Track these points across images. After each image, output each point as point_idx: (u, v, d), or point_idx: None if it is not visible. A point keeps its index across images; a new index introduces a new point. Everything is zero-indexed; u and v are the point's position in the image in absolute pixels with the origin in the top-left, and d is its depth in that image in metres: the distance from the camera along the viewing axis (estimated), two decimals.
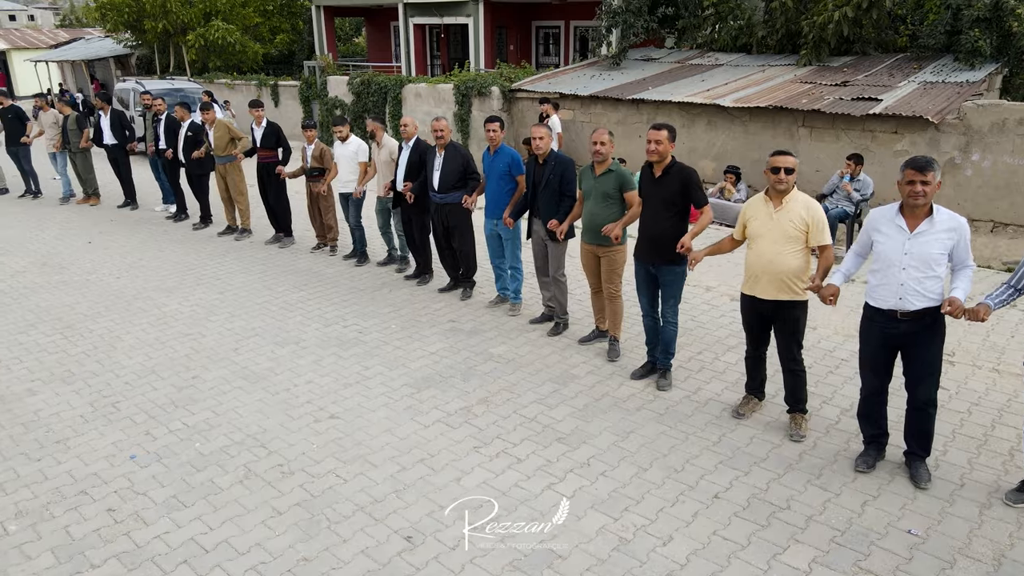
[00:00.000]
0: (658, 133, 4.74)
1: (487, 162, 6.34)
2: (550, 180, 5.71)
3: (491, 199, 6.36)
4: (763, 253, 4.28)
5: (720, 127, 10.96)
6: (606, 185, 5.28)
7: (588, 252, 5.59)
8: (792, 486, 4.01)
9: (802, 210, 4.18)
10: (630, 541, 3.62)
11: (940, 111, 8.92)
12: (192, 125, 9.15)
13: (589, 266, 5.66)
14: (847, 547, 3.52)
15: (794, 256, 4.21)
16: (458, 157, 6.56)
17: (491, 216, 6.43)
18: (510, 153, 6.23)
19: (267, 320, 6.55)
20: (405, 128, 6.93)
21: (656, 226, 4.87)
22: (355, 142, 7.78)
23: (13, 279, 7.74)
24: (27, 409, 5.01)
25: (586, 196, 5.44)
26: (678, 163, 4.85)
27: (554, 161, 5.72)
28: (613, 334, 5.72)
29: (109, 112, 10.67)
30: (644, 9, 13.72)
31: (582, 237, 5.57)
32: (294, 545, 3.63)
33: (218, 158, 8.89)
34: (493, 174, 6.28)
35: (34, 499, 4.02)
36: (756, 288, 4.37)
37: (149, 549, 3.62)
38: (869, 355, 4.03)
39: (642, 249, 5.05)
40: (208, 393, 5.21)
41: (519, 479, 4.14)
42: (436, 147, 6.60)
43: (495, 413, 4.87)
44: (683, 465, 4.25)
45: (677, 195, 4.79)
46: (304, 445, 4.52)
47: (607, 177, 5.28)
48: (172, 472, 4.25)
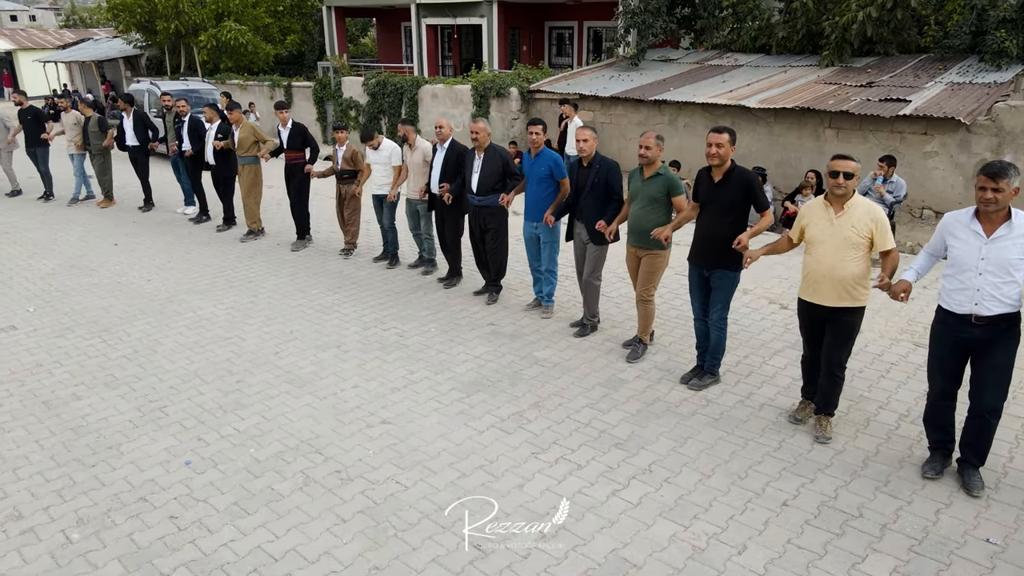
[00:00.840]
0: (719, 136, 4.65)
1: (527, 165, 6.29)
2: (595, 183, 5.64)
3: (531, 202, 6.30)
4: (823, 259, 4.21)
5: (744, 128, 10.90)
6: (653, 189, 5.25)
7: (632, 254, 5.59)
8: (861, 493, 3.96)
9: (865, 217, 4.11)
10: (704, 550, 3.57)
11: (971, 112, 8.88)
12: (221, 127, 9.05)
13: (633, 268, 5.65)
14: (927, 556, 3.48)
15: (856, 262, 4.14)
16: (497, 159, 6.49)
17: (531, 219, 6.36)
18: (551, 156, 6.16)
19: (304, 323, 6.51)
20: (440, 130, 6.86)
21: (714, 230, 4.82)
22: (387, 146, 7.70)
23: (44, 281, 7.69)
24: (74, 414, 4.96)
25: (633, 199, 5.41)
26: (739, 167, 4.78)
27: (599, 164, 5.65)
28: (640, 336, 5.74)
29: (132, 113, 10.58)
30: (663, 9, 13.68)
31: (627, 240, 5.55)
32: (363, 554, 3.59)
33: (240, 158, 8.84)
34: (533, 177, 6.23)
35: (93, 506, 3.98)
36: (816, 294, 4.30)
37: (217, 557, 3.57)
38: (940, 359, 3.98)
39: (697, 253, 5.01)
40: (255, 398, 5.17)
41: (582, 486, 4.09)
42: (475, 149, 6.54)
43: (548, 418, 4.83)
44: (746, 471, 4.20)
45: (738, 200, 4.74)
46: (360, 451, 4.47)
47: (655, 181, 5.25)
48: (230, 479, 4.21)
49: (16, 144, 11.80)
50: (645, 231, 5.28)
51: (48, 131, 11.36)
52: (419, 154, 7.28)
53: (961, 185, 9.12)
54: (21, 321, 6.62)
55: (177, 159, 10.22)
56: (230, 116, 8.77)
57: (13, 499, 4.04)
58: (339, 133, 7.90)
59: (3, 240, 9.34)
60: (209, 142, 9.13)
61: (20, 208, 11.17)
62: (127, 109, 10.60)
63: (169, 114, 10.24)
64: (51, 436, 4.69)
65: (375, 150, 7.73)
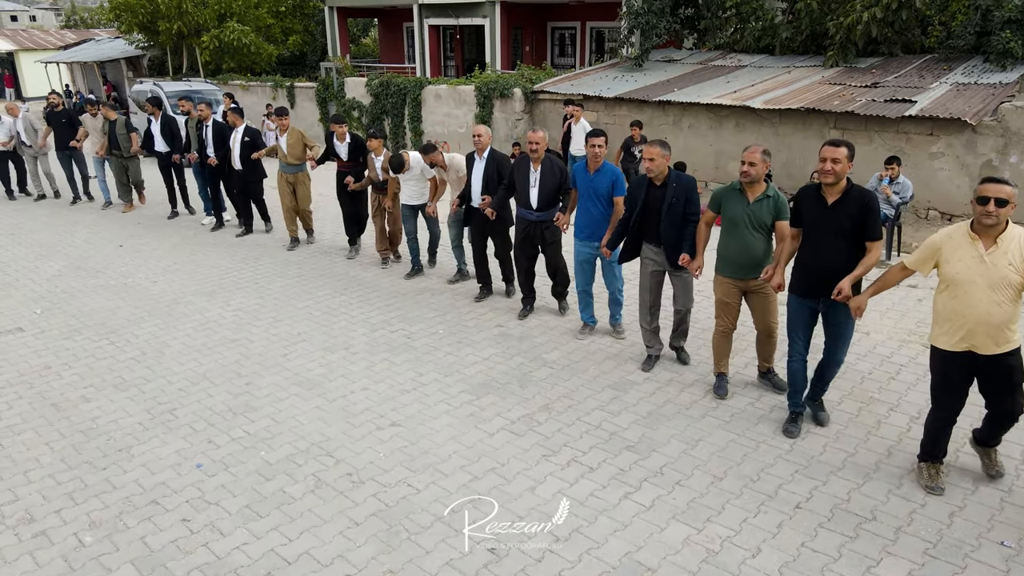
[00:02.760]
0: (835, 150, 4.00)
1: (583, 180, 5.69)
2: (674, 204, 5.05)
3: (587, 221, 5.73)
4: (977, 304, 3.55)
5: (749, 129, 10.91)
6: (761, 213, 4.58)
7: (731, 287, 4.83)
8: (874, 496, 3.96)
9: (1021, 249, 3.46)
10: (718, 553, 3.57)
11: (977, 113, 8.87)
12: (248, 130, 8.79)
13: (731, 303, 4.89)
14: (942, 560, 3.47)
15: (1014, 303, 3.55)
16: (556, 171, 6.03)
17: (587, 239, 5.81)
18: (613, 172, 5.60)
19: (312, 325, 6.50)
20: (479, 139, 6.45)
21: (828, 259, 4.18)
22: (416, 161, 7.26)
23: (51, 283, 7.69)
24: (84, 416, 4.96)
25: (732, 223, 4.68)
26: (856, 186, 4.16)
27: (675, 182, 5.06)
28: (770, 366, 5.15)
29: (160, 117, 10.00)
30: (666, 10, 13.67)
31: (722, 270, 4.84)
32: (377, 557, 3.58)
33: (288, 166, 8.51)
34: (591, 194, 5.64)
35: (105, 509, 3.97)
36: (973, 342, 3.64)
37: (230, 561, 3.57)
38: None
39: (809, 284, 4.31)
40: (265, 400, 5.16)
41: (594, 488, 4.09)
42: (531, 161, 6.04)
43: (558, 420, 4.82)
44: (758, 474, 4.20)
45: (857, 224, 4.08)
46: (371, 454, 4.47)
47: (763, 204, 4.58)
48: (241, 481, 4.20)
49: (48, 147, 11.33)
50: (755, 262, 4.62)
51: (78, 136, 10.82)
52: (452, 172, 7.07)
53: (967, 186, 9.12)
54: (28, 323, 6.62)
55: (199, 167, 9.59)
56: (279, 123, 8.36)
57: (25, 502, 4.04)
58: (374, 141, 7.51)
59: (9, 241, 9.34)
60: (235, 147, 8.82)
61: (26, 209, 11.17)
62: (155, 113, 10.06)
63: (190, 119, 9.57)
64: (61, 439, 4.68)
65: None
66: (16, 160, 11.69)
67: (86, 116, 10.78)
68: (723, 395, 5.07)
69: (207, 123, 9.16)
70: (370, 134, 7.53)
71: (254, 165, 8.92)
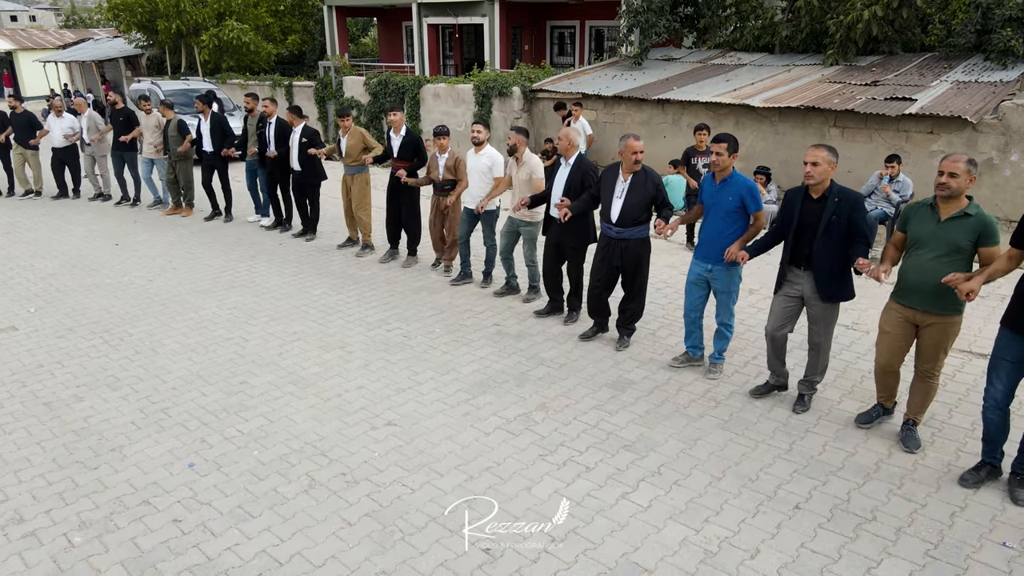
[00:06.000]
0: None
1: (709, 192, 5.08)
2: (834, 222, 4.35)
3: (710, 238, 5.06)
4: None
5: (749, 127, 10.86)
6: (959, 234, 3.88)
7: (904, 320, 4.23)
8: (874, 496, 3.91)
9: None
10: (716, 554, 3.52)
11: (977, 111, 8.82)
12: (306, 130, 8.63)
13: (899, 335, 4.28)
14: (943, 561, 3.42)
15: None
16: (649, 187, 5.39)
17: (705, 258, 5.15)
18: (744, 183, 4.92)
19: (308, 324, 6.45)
20: (561, 143, 6.00)
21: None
22: (490, 154, 6.90)
23: (45, 282, 7.64)
24: (76, 416, 4.91)
25: (916, 245, 4.07)
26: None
27: (839, 196, 4.34)
28: (914, 417, 4.43)
29: (209, 116, 9.75)
30: (666, 8, 13.62)
31: (899, 298, 4.25)
32: (370, 558, 3.53)
33: (347, 168, 8.28)
34: (718, 209, 4.99)
35: (96, 509, 3.93)
36: None
37: (222, 562, 3.52)
38: None
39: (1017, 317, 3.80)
40: (259, 399, 5.11)
41: (591, 488, 4.04)
42: (621, 171, 5.48)
43: (555, 420, 4.78)
44: (757, 474, 4.15)
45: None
46: (365, 453, 4.42)
47: (961, 223, 3.89)
48: (234, 481, 4.15)
49: (107, 145, 11.16)
50: (940, 291, 3.94)
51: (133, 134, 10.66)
52: (526, 170, 6.51)
53: None
54: (22, 322, 6.57)
55: (255, 165, 9.49)
56: (341, 123, 8.15)
57: (14, 502, 3.99)
58: (441, 139, 7.05)
59: (5, 240, 9.29)
60: (294, 147, 8.62)
61: (21, 207, 11.11)
62: (205, 111, 9.79)
63: (252, 116, 9.35)
64: (53, 438, 4.63)
65: (476, 155, 6.95)
66: (71, 159, 11.42)
67: (140, 113, 10.54)
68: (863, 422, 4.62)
69: (271, 120, 8.90)
70: (436, 132, 7.06)
71: (313, 166, 8.69)
